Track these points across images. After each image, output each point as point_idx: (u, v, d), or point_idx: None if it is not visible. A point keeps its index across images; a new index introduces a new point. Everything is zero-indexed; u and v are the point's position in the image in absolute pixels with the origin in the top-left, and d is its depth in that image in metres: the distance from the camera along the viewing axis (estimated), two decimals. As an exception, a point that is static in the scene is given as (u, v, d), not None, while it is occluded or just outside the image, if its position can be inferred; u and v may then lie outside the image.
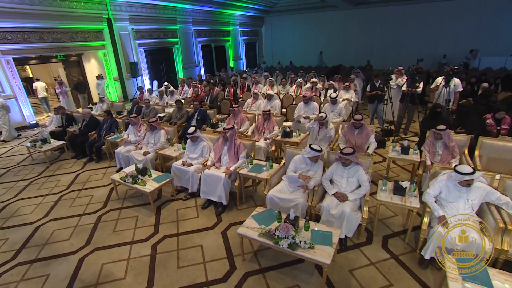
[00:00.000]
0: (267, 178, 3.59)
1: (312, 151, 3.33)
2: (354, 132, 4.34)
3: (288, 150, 3.91)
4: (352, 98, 7.39)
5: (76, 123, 6.73)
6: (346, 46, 17.40)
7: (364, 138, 4.27)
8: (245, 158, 4.00)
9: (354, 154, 3.20)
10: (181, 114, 6.49)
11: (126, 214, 4.06)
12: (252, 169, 3.91)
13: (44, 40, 8.73)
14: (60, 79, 9.22)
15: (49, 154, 6.43)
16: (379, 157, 5.40)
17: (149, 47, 12.58)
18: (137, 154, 4.96)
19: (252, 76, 9.92)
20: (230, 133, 4.02)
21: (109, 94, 11.33)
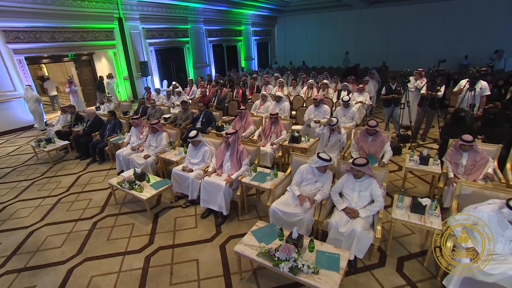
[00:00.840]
0: (271, 189, 3.31)
1: (320, 160, 3.02)
2: (367, 139, 3.99)
3: (295, 157, 3.60)
4: (366, 101, 7.00)
5: (82, 123, 6.64)
6: (360, 47, 16.84)
7: (378, 146, 3.91)
8: (248, 166, 3.72)
9: (367, 165, 2.87)
10: (186, 116, 6.29)
11: (122, 221, 3.86)
12: (255, 177, 3.63)
13: (55, 39, 8.76)
14: (70, 78, 9.21)
15: (54, 154, 6.39)
16: (395, 166, 5.01)
17: (159, 46, 12.52)
18: (138, 157, 4.77)
19: (262, 77, 9.63)
20: (233, 138, 3.76)
21: (118, 93, 11.34)
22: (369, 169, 2.89)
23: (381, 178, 3.11)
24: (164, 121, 6.60)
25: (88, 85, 11.55)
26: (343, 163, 3.34)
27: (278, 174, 3.63)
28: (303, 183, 3.21)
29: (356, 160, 2.91)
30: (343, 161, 3.36)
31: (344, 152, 4.18)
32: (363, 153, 3.99)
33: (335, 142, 4.21)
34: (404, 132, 6.36)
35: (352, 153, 4.10)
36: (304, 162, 3.45)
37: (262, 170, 3.84)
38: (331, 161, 3.05)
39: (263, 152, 4.66)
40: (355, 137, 4.19)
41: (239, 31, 16.99)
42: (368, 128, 3.91)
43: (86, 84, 11.48)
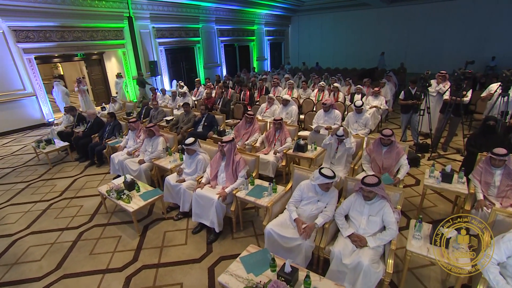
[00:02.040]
0: (267, 206, 2.92)
1: (322, 177, 2.61)
2: (381, 151, 3.53)
3: (297, 171, 3.20)
4: (382, 105, 6.47)
5: (84, 124, 6.47)
6: (377, 47, 16.10)
7: (393, 159, 3.45)
8: (244, 178, 3.35)
9: (379, 185, 2.43)
10: (188, 119, 5.99)
11: (109, 233, 3.59)
12: (252, 191, 3.25)
13: (65, 38, 8.72)
14: (79, 78, 9.16)
15: (55, 155, 6.27)
16: (411, 179, 4.49)
17: (169, 46, 12.37)
18: (132, 162, 4.51)
19: (273, 78, 9.24)
20: (228, 147, 3.40)
21: (127, 93, 11.25)
22: (382, 189, 2.45)
23: (395, 200, 2.66)
24: (166, 123, 6.35)
25: (98, 85, 11.53)
26: (351, 180, 2.90)
27: (277, 188, 3.23)
28: (303, 201, 2.80)
29: (366, 179, 2.48)
30: (351, 178, 2.92)
31: (354, 165, 3.72)
32: (375, 166, 3.53)
33: (343, 153, 3.76)
34: (423, 140, 5.80)
35: (364, 166, 3.65)
36: (307, 177, 3.04)
37: (261, 183, 3.46)
38: (334, 178, 2.63)
39: (265, 161, 4.29)
40: (367, 147, 3.73)
41: (251, 30, 16.65)
42: (382, 137, 3.45)
43: (96, 84, 11.46)
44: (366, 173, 3.55)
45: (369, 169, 3.57)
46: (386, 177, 3.34)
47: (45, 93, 8.71)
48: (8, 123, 8.12)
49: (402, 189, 2.63)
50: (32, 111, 8.53)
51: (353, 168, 3.67)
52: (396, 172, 3.45)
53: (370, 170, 3.54)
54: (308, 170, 3.11)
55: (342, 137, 3.70)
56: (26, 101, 8.35)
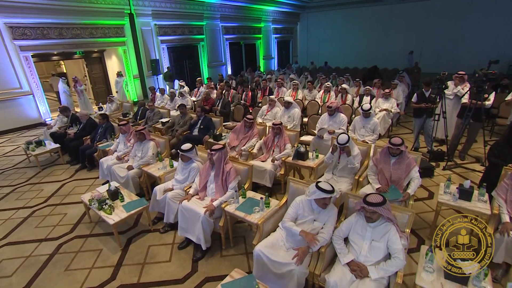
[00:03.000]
0: (258, 224, 2.66)
1: (318, 191, 2.33)
2: (389, 161, 3.22)
3: (293, 184, 2.93)
4: (393, 108, 6.12)
5: (77, 125, 6.34)
6: (390, 46, 15.63)
7: (403, 171, 3.13)
8: (234, 190, 3.09)
9: (384, 205, 2.14)
10: (184, 121, 5.78)
11: (90, 245, 3.39)
12: (243, 206, 3.00)
13: (63, 36, 8.65)
14: (75, 77, 9.09)
15: (47, 157, 6.16)
16: (424, 192, 4.15)
17: (172, 44, 12.25)
18: (120, 168, 4.31)
19: (278, 78, 8.96)
20: (218, 156, 3.15)
21: (127, 92, 11.14)
22: (387, 210, 2.16)
23: (403, 223, 2.36)
24: (161, 125, 6.16)
25: (98, 83, 11.46)
26: (352, 196, 2.61)
27: (270, 203, 2.97)
28: (298, 220, 2.53)
29: (369, 197, 2.19)
30: (352, 195, 2.63)
31: (359, 176, 3.42)
32: (382, 178, 3.22)
33: (346, 163, 3.46)
34: (438, 148, 5.43)
35: (369, 177, 3.34)
36: (303, 191, 2.77)
37: (254, 196, 3.20)
38: (333, 193, 2.35)
39: (262, 169, 4.04)
40: (374, 157, 3.42)
41: (258, 28, 16.42)
42: (391, 147, 3.14)
43: (97, 82, 11.41)
44: (372, 186, 3.25)
45: (375, 181, 3.26)
46: (393, 190, 3.04)
47: (42, 92, 8.66)
48: (3, 123, 8.09)
49: (412, 210, 2.32)
50: (28, 110, 8.49)
51: (357, 180, 3.37)
52: (406, 186, 3.14)
53: (376, 183, 3.24)
54: (305, 184, 2.83)
55: (344, 145, 3.40)
56: (22, 100, 8.31)
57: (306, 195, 2.44)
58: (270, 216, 2.76)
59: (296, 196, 2.75)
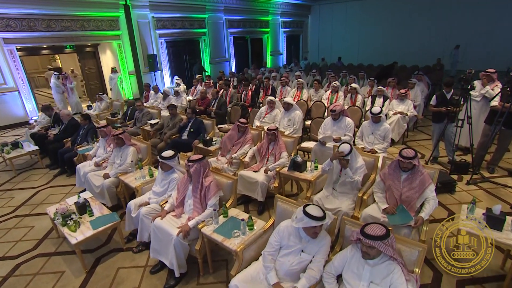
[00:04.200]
0: (236, 251, 2.36)
1: (306, 218, 2.02)
2: (399, 177, 2.88)
3: (281, 204, 2.62)
4: (409, 111, 5.73)
5: (60, 125, 6.17)
6: (410, 41, 15.07)
7: (415, 189, 2.78)
8: (213, 209, 2.80)
9: (386, 238, 1.82)
10: (174, 123, 5.54)
11: (51, 266, 3.16)
12: (222, 227, 2.70)
13: (51, 28, 8.56)
14: (64, 73, 9.01)
15: (26, 159, 6.03)
16: (442, 212, 3.76)
17: (171, 38, 12.10)
18: (96, 176, 4.10)
19: (283, 76, 8.65)
20: (196, 167, 2.87)
21: (122, 89, 11.03)
22: (389, 247, 1.83)
23: (411, 260, 2.02)
24: (150, 127, 5.94)
25: (92, 80, 11.42)
26: (350, 223, 2.28)
27: (255, 225, 2.66)
28: (283, 250, 2.22)
29: (369, 228, 1.87)
30: (350, 220, 2.30)
31: (363, 193, 3.08)
32: (391, 197, 2.88)
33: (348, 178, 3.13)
34: (461, 158, 5.02)
35: (375, 195, 3.01)
36: (292, 213, 2.46)
37: (237, 215, 2.90)
38: (324, 221, 2.03)
39: (253, 181, 3.75)
40: (381, 171, 3.08)
41: (265, 21, 16.12)
42: (401, 160, 2.79)
43: (90, 79, 11.36)
44: (378, 205, 2.91)
45: (382, 200, 2.93)
46: (402, 212, 2.70)
47: (28, 88, 8.58)
48: (-14, 121, 8.06)
49: (423, 245, 1.97)
50: (14, 108, 8.43)
51: (361, 199, 3.03)
52: (419, 208, 2.79)
53: (383, 202, 2.90)
54: (295, 205, 2.51)
55: (346, 157, 3.08)
56: (7, 97, 8.25)
57: (293, 221, 2.13)
58: (252, 242, 2.47)
59: (286, 218, 2.45)
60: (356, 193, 3.16)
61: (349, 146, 3.10)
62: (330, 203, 3.15)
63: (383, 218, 2.75)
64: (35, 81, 15.38)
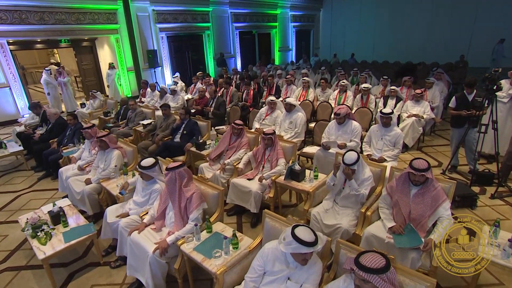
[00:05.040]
0: (216, 274, 2.17)
1: (295, 242, 1.82)
2: (408, 191, 2.64)
3: (269, 221, 2.42)
4: (425, 114, 5.45)
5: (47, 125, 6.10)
6: (431, 36, 14.60)
7: (427, 206, 2.54)
8: (195, 224, 2.62)
9: (385, 272, 1.60)
10: (167, 124, 5.40)
11: (19, 283, 3.03)
12: (204, 245, 2.52)
13: (45, 21, 8.56)
14: (59, 68, 9.00)
15: (12, 160, 5.99)
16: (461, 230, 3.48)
17: (173, 32, 12.08)
18: (77, 182, 3.99)
19: (288, 73, 8.44)
20: (170, 177, 2.71)
21: (120, 86, 11.00)
22: (388, 282, 1.61)
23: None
24: (142, 128, 5.82)
25: (89, 76, 11.43)
26: (345, 247, 2.07)
27: (239, 244, 2.47)
28: (267, 277, 2.02)
29: (364, 258, 1.66)
30: (346, 244, 2.08)
31: (367, 209, 2.85)
32: (399, 214, 2.65)
33: (351, 191, 2.91)
34: (484, 167, 4.72)
35: (381, 211, 2.78)
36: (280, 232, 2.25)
37: (222, 230, 2.72)
38: (316, 246, 1.82)
39: (246, 190, 3.57)
40: (388, 183, 2.85)
41: (273, 15, 15.95)
42: (412, 172, 2.55)
43: (87, 74, 11.37)
44: (383, 223, 2.68)
45: (388, 217, 2.69)
46: (411, 233, 2.48)
47: (20, 84, 8.60)
48: (-26, 119, 8.11)
49: (432, 280, 1.72)
50: (4, 105, 8.46)
51: (364, 215, 2.80)
52: (431, 228, 2.54)
53: (390, 220, 2.67)
54: (285, 223, 2.31)
55: (353, 167, 2.86)
56: (-3, 93, 8.29)
57: (280, 244, 1.92)
58: (235, 263, 2.27)
59: (274, 237, 2.25)
60: (360, 207, 2.93)
61: (356, 155, 2.89)
62: (329, 218, 2.94)
63: (388, 238, 2.52)
64: (32, 76, 15.59)
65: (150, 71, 11.56)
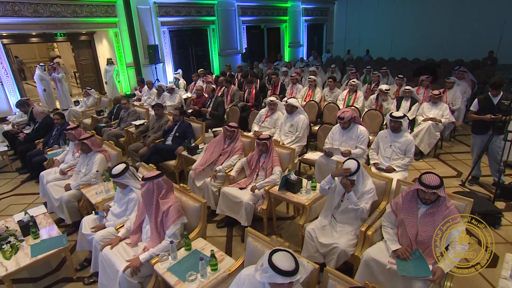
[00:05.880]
0: (189, 301, 2.01)
1: (271, 271, 1.63)
2: (416, 210, 2.43)
3: (252, 242, 2.24)
4: (443, 117, 5.17)
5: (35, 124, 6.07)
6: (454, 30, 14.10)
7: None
8: (170, 241, 2.46)
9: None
10: (159, 125, 5.29)
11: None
12: (179, 265, 2.36)
13: (39, 13, 8.58)
14: (52, 63, 9.03)
15: (-1, 160, 5.99)
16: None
17: (175, 26, 12.02)
18: (56, 187, 3.92)
19: (295, 71, 8.24)
20: (147, 188, 2.55)
21: (119, 83, 10.99)
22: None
23: None
24: (135, 129, 5.73)
25: (87, 72, 11.47)
26: (334, 277, 1.87)
27: (218, 266, 2.30)
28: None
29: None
30: (334, 274, 1.88)
31: (367, 228, 2.64)
32: (404, 236, 2.43)
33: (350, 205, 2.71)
34: (511, 179, 4.42)
35: (384, 231, 2.57)
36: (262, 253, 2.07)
37: (202, 248, 2.55)
38: (295, 277, 1.64)
39: (237, 200, 3.41)
40: (393, 200, 2.63)
41: (283, 9, 15.76)
42: (421, 189, 2.33)
43: (85, 70, 11.42)
44: (386, 245, 2.47)
45: (392, 238, 2.49)
46: (419, 260, 2.27)
47: (12, 79, 8.63)
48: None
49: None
50: (-5, 101, 8.53)
51: (364, 235, 2.59)
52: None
53: (394, 242, 2.46)
54: (269, 244, 2.12)
55: (351, 177, 2.66)
56: (-13, 89, 8.35)
57: (256, 271, 1.74)
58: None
59: (256, 259, 2.07)
60: (360, 225, 2.72)
61: (356, 163, 2.69)
62: (326, 235, 2.74)
63: (391, 264, 2.31)
64: (31, 71, 15.79)
65: (150, 67, 11.52)
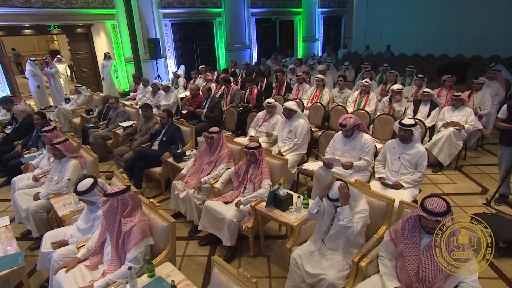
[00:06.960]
0: None
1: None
2: (418, 240, 2.19)
3: (217, 273, 2.03)
4: (467, 123, 4.84)
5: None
6: (487, 23, 13.51)
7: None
8: (129, 267, 2.29)
9: None
10: (147, 128, 5.17)
11: None
12: (137, 295, 2.20)
13: (31, 4, 8.63)
14: (45, 57, 9.10)
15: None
16: None
17: (178, 19, 11.99)
18: (25, 195, 3.82)
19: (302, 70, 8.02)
20: (110, 205, 2.40)
21: (116, 79, 11.02)
22: None
23: None
24: (123, 131, 5.64)
25: (84, 66, 11.57)
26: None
27: (180, 300, 2.12)
28: None
29: None
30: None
31: (360, 258, 2.40)
32: (403, 272, 2.19)
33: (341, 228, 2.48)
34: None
35: (380, 263, 2.34)
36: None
37: (168, 274, 2.36)
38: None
39: (219, 217, 3.23)
40: (393, 226, 2.38)
41: (297, 0, 15.51)
42: (424, 216, 2.09)
43: (82, 65, 11.52)
44: (383, 280, 2.24)
45: (390, 273, 2.26)
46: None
47: (2, 73, 8.72)
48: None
49: None
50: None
51: (357, 264, 2.36)
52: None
53: (392, 278, 2.22)
54: (236, 279, 1.92)
55: (337, 202, 2.44)
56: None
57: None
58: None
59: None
60: (354, 252, 2.49)
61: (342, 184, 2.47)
62: (313, 263, 2.52)
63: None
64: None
65: (151, 63, 11.51)
